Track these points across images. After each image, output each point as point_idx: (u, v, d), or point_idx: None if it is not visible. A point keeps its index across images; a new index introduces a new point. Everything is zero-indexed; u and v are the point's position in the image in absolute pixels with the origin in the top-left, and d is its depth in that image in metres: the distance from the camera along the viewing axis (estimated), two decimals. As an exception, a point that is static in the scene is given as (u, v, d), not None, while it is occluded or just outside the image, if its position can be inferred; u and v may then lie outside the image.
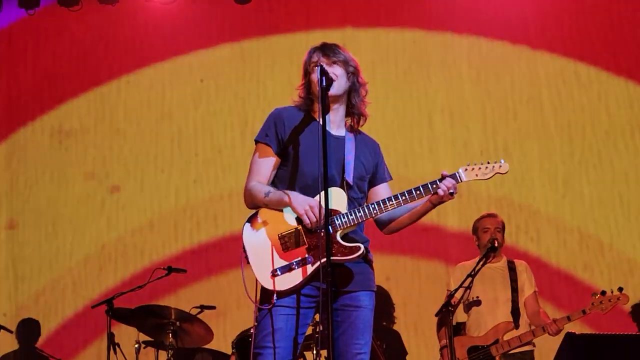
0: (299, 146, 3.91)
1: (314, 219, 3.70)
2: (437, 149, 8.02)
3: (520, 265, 6.53)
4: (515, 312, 6.31)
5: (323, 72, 3.76)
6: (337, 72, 3.90)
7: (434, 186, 3.84)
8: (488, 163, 3.96)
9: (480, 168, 3.94)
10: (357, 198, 3.93)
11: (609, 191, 7.82)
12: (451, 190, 3.84)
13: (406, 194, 3.83)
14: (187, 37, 8.60)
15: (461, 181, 3.90)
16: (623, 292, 6.02)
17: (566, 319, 6.02)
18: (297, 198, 3.77)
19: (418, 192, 3.84)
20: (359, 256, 3.74)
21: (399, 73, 8.27)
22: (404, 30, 8.35)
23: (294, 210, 3.77)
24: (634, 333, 6.84)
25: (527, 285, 6.44)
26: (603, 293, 6.01)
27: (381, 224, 4.08)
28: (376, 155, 4.11)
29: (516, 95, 8.10)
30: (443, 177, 3.86)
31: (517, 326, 6.24)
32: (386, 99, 8.01)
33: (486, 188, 7.89)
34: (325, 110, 3.74)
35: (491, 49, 8.22)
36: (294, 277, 3.71)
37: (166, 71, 8.58)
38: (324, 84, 3.75)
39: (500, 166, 3.97)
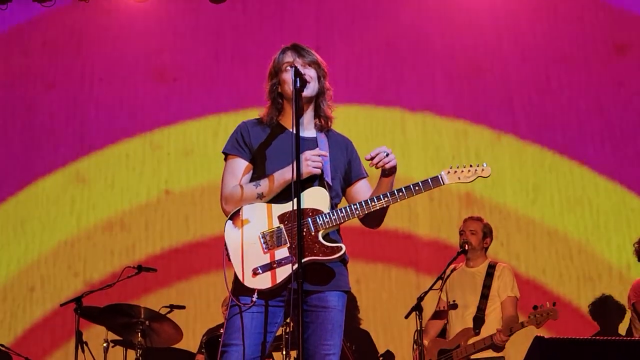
0: (269, 153, 3.91)
1: (318, 164, 3.77)
2: (409, 153, 8.04)
3: (499, 269, 6.41)
4: (478, 319, 6.28)
5: (297, 73, 3.76)
6: (311, 74, 3.90)
7: (417, 188, 3.83)
8: (470, 166, 3.94)
9: (462, 171, 3.92)
10: (333, 197, 3.93)
11: (579, 197, 7.88)
12: (382, 161, 3.83)
13: (389, 196, 3.81)
14: (161, 35, 8.58)
15: (443, 184, 3.88)
16: (555, 306, 6.02)
17: (509, 330, 6.05)
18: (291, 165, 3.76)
19: (401, 193, 3.82)
20: (340, 256, 3.73)
21: (372, 76, 8.29)
22: (378, 34, 8.38)
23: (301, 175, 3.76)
24: (601, 337, 6.89)
25: (502, 290, 6.34)
26: (535, 307, 6.03)
27: (363, 219, 4.03)
28: (348, 152, 4.09)
29: (488, 100, 8.15)
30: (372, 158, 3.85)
31: (477, 333, 6.23)
32: (359, 103, 8.03)
33: (457, 192, 7.94)
34: (299, 111, 3.74)
35: (464, 54, 8.26)
36: (275, 276, 3.70)
37: (139, 69, 8.54)
38: (298, 85, 3.75)
39: (482, 169, 3.94)
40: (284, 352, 6.03)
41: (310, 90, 3.87)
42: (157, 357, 6.98)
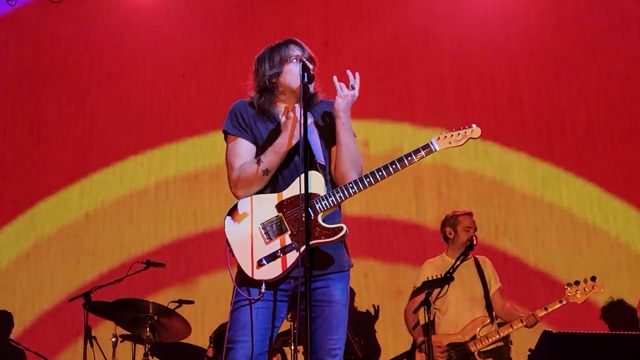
0: (264, 139, 3.93)
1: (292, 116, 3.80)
2: (417, 145, 8.01)
3: (484, 261, 6.69)
4: (489, 307, 6.41)
5: (305, 68, 3.78)
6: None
7: (409, 158, 3.84)
8: (460, 129, 3.96)
9: (452, 135, 3.94)
10: (329, 172, 3.94)
11: (587, 192, 7.86)
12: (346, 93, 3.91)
13: (382, 170, 3.80)
14: (169, 30, 8.58)
15: (435, 150, 3.90)
16: (597, 280, 6.12)
17: (543, 310, 6.12)
18: (284, 130, 3.82)
19: (394, 166, 3.83)
20: (342, 236, 3.73)
21: (381, 69, 8.27)
22: (386, 28, 8.37)
23: (293, 135, 3.79)
24: (609, 332, 6.90)
25: (493, 281, 6.62)
26: (577, 283, 6.12)
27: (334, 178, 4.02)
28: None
29: (497, 94, 8.13)
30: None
31: (492, 321, 6.32)
32: (367, 96, 8.00)
33: (465, 187, 7.93)
34: (306, 106, 3.75)
35: (472, 48, 8.24)
36: (280, 265, 3.71)
37: (148, 65, 8.55)
38: (306, 79, 3.77)
39: (472, 131, 3.97)
40: (293, 347, 6.06)
41: (312, 86, 3.90)
42: (165, 352, 7.01)
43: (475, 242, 6.23)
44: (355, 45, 8.29)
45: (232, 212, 3.82)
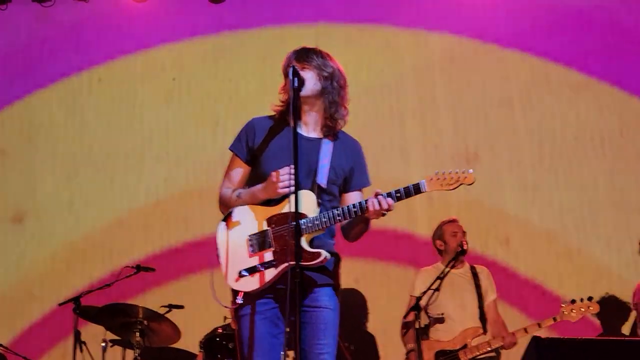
0: (267, 150, 3.96)
1: (286, 183, 3.74)
2: (408, 151, 8.04)
3: (482, 271, 6.66)
4: (483, 318, 6.38)
5: (295, 73, 3.79)
6: (306, 75, 3.91)
7: (398, 195, 3.78)
8: (456, 172, 3.88)
9: (445, 178, 3.86)
10: (330, 200, 3.93)
11: (578, 197, 7.86)
12: (383, 211, 3.77)
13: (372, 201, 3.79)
14: (160, 34, 8.57)
15: (424, 191, 3.82)
16: (593, 301, 6.12)
17: (536, 326, 6.11)
18: (264, 184, 3.82)
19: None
20: (321, 262, 3.73)
21: (371, 73, 8.27)
22: (377, 29, 8.35)
23: (267, 194, 3.81)
24: (598, 337, 6.90)
25: (490, 292, 6.58)
26: (573, 302, 6.11)
27: (343, 232, 4.06)
28: (355, 157, 4.11)
29: (487, 98, 8.13)
30: (376, 195, 3.78)
31: (485, 331, 6.30)
32: (358, 100, 7.97)
33: (456, 192, 7.90)
34: (297, 111, 3.77)
35: (463, 51, 8.24)
36: (258, 280, 3.72)
37: (138, 69, 8.53)
38: (296, 85, 3.78)
39: (465, 177, 3.88)
40: (282, 352, 6.04)
41: (304, 90, 3.87)
42: (155, 356, 6.98)
43: (465, 247, 6.23)
44: (345, 46, 8.23)
45: (227, 218, 3.86)
